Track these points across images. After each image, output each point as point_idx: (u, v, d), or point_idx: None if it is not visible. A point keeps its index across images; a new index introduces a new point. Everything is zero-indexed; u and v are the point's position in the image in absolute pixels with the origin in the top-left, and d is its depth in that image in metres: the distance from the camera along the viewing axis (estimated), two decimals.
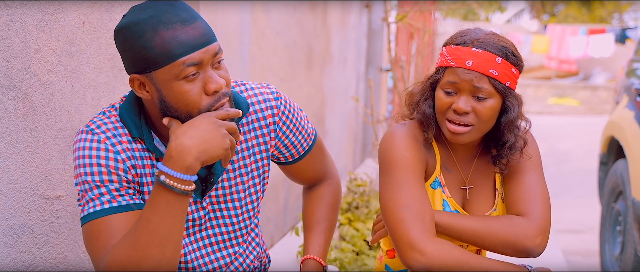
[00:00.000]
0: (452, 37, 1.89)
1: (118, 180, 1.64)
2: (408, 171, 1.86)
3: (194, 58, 1.56)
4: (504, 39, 1.88)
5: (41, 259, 1.92)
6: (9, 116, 1.76)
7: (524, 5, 27.51)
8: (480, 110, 1.82)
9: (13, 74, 1.76)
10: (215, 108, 1.61)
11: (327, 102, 5.19)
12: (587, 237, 5.83)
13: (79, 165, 1.64)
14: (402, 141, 1.89)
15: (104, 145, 1.64)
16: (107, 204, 1.61)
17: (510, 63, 1.82)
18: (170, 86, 1.58)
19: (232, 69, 3.17)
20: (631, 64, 4.72)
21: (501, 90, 1.82)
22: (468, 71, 1.81)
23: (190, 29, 1.56)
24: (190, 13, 1.59)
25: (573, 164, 9.70)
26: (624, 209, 4.14)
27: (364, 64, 6.87)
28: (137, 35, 1.56)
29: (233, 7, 3.19)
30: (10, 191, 1.79)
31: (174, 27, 1.55)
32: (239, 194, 1.82)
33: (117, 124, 1.69)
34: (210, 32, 1.60)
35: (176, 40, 1.54)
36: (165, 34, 1.54)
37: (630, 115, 4.17)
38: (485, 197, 1.98)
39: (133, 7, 1.62)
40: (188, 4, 1.62)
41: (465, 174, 1.97)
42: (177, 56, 1.55)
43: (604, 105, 17.39)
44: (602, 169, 4.80)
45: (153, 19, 1.55)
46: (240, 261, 1.88)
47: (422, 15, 6.53)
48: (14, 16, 1.75)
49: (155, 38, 1.54)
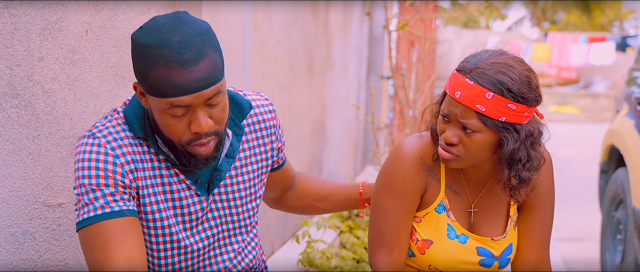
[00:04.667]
0: (463, 60, 1.80)
1: (114, 184, 1.65)
2: (397, 199, 1.87)
3: (182, 101, 1.58)
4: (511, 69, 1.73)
5: (42, 266, 1.92)
6: (12, 124, 1.77)
7: (524, 13, 27.53)
8: (468, 143, 1.76)
9: (16, 82, 1.77)
10: (195, 145, 1.65)
11: (328, 110, 5.20)
12: (588, 246, 5.82)
13: (77, 169, 1.66)
14: (403, 164, 1.87)
15: (103, 149, 1.66)
16: (100, 210, 1.63)
17: (506, 98, 1.70)
18: (158, 113, 1.63)
19: (234, 76, 3.18)
20: (631, 73, 4.72)
21: (492, 125, 1.72)
22: (456, 103, 1.74)
23: (187, 73, 1.55)
24: (197, 53, 1.56)
25: (574, 171, 9.69)
26: (624, 218, 4.14)
27: (365, 71, 6.88)
28: (141, 57, 1.58)
29: (235, 14, 3.20)
30: (12, 198, 1.79)
31: (171, 67, 1.54)
32: (241, 193, 1.85)
33: (118, 128, 1.70)
34: (211, 75, 1.58)
35: (169, 81, 1.55)
36: (161, 71, 1.55)
37: (631, 123, 4.18)
38: (496, 223, 1.93)
39: (155, 17, 1.62)
40: (203, 38, 1.58)
41: (474, 196, 1.93)
42: (167, 96, 1.57)
43: (604, 113, 17.38)
44: (603, 178, 4.80)
45: (156, 50, 1.55)
46: (239, 259, 1.90)
47: (423, 23, 6.54)
48: (18, 24, 1.76)
49: (153, 70, 1.56)
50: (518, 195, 1.85)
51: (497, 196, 1.92)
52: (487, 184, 1.92)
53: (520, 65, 1.76)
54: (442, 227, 1.90)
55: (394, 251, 1.88)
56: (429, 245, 1.90)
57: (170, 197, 1.75)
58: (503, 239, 1.93)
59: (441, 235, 1.90)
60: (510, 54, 1.79)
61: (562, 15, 27.20)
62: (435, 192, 1.90)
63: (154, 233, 1.75)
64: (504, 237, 1.93)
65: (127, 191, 1.67)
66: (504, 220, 1.95)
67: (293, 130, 4.20)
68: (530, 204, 1.95)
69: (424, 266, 1.93)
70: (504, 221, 1.95)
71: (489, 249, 1.92)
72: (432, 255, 1.90)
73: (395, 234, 1.88)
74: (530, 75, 1.76)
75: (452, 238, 1.90)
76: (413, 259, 1.94)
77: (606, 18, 25.88)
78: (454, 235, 1.90)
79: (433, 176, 1.90)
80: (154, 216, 1.74)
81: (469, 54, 1.80)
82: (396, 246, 1.88)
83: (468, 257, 1.91)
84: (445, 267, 1.91)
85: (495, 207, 1.94)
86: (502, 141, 1.76)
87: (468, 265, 1.92)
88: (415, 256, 1.92)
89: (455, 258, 1.90)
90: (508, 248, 1.94)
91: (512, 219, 1.94)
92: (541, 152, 1.83)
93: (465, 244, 1.90)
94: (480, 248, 1.91)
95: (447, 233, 1.90)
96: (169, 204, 1.75)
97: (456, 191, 1.91)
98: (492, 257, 1.92)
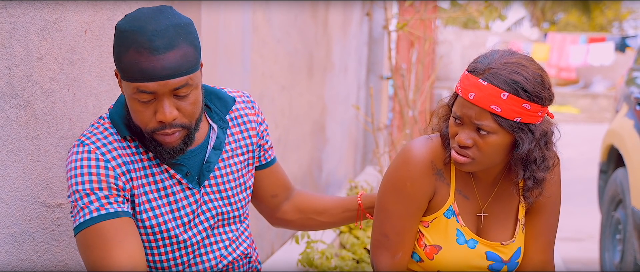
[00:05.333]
0: (473, 61, 1.78)
1: (108, 187, 1.68)
2: (404, 202, 1.84)
3: (148, 87, 1.63)
4: (524, 68, 1.71)
5: (42, 266, 1.92)
6: (11, 124, 1.77)
7: (524, 14, 27.53)
8: (482, 145, 1.73)
9: (15, 82, 1.77)
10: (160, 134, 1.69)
11: (328, 110, 5.20)
12: (587, 246, 5.82)
13: (70, 176, 1.70)
14: (413, 167, 1.83)
15: (94, 154, 1.70)
16: (95, 213, 1.66)
17: (521, 98, 1.68)
18: (129, 99, 1.68)
19: (233, 76, 3.18)
20: (631, 73, 4.72)
21: (507, 126, 1.70)
22: (470, 105, 1.71)
23: (155, 60, 1.61)
24: (168, 42, 1.62)
25: (573, 171, 9.69)
26: (623, 218, 4.14)
27: (365, 71, 6.88)
28: (118, 42, 1.64)
29: (234, 14, 3.20)
30: (11, 198, 1.79)
31: (141, 52, 1.61)
32: (231, 183, 1.90)
33: (105, 133, 1.74)
34: (180, 67, 1.63)
35: (137, 66, 1.62)
36: (132, 55, 1.61)
37: (630, 124, 4.18)
38: (504, 227, 1.91)
39: (139, 8, 1.68)
40: (178, 30, 1.64)
41: (484, 200, 1.89)
42: (135, 80, 1.63)
43: (604, 113, 17.39)
44: (602, 178, 4.80)
45: (131, 35, 1.61)
46: (234, 247, 1.93)
47: (422, 23, 6.54)
48: (17, 24, 1.75)
49: (125, 54, 1.63)
50: (531, 196, 1.83)
51: (507, 199, 1.90)
52: (497, 187, 1.89)
53: (533, 65, 1.74)
54: (451, 233, 1.86)
55: (398, 254, 1.86)
56: (437, 250, 1.86)
57: (164, 194, 1.79)
58: (512, 243, 1.90)
59: (450, 240, 1.86)
60: (520, 53, 1.76)
61: (562, 16, 27.20)
62: (444, 196, 1.86)
63: (151, 232, 1.77)
64: (513, 241, 1.90)
65: (121, 194, 1.71)
66: (512, 224, 1.91)
67: (293, 131, 4.20)
68: (538, 206, 1.92)
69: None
70: (513, 224, 1.91)
71: (498, 254, 1.89)
72: (441, 261, 1.86)
73: (400, 237, 1.85)
74: (543, 75, 1.74)
75: (461, 243, 1.86)
76: (421, 265, 1.90)
77: (606, 18, 25.89)
78: (463, 240, 1.86)
79: (443, 180, 1.86)
80: (148, 214, 1.77)
81: (479, 55, 1.78)
82: (400, 250, 1.86)
83: (477, 262, 1.88)
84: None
85: (504, 210, 1.91)
86: (517, 142, 1.74)
87: (477, 270, 1.89)
88: (424, 261, 1.89)
89: (464, 263, 1.87)
90: (517, 252, 1.91)
91: (521, 223, 1.91)
92: (555, 151, 1.82)
93: (475, 249, 1.87)
94: (489, 253, 1.88)
95: (456, 238, 1.86)
96: (163, 202, 1.79)
97: (466, 195, 1.88)
98: (501, 261, 1.89)
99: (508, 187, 1.89)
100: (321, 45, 4.87)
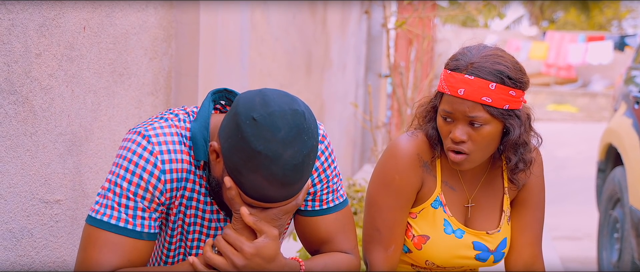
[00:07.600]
0: (449, 60, 1.84)
1: (150, 198, 1.58)
2: (393, 195, 1.89)
3: (261, 205, 1.54)
4: (503, 58, 1.80)
5: (40, 262, 1.92)
6: (10, 120, 1.77)
7: (523, 12, 27.55)
8: (477, 138, 1.79)
9: (14, 78, 1.77)
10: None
11: (326, 108, 5.20)
12: (585, 244, 5.83)
13: (121, 165, 1.57)
14: (400, 160, 1.89)
15: (154, 159, 1.57)
16: (114, 220, 1.56)
17: (507, 86, 1.76)
18: (225, 189, 1.55)
19: (232, 74, 3.18)
20: (629, 72, 4.73)
21: (498, 115, 1.77)
22: (461, 100, 1.77)
23: (284, 190, 1.50)
24: (301, 176, 1.50)
25: (571, 170, 9.70)
26: (621, 217, 4.15)
27: (363, 70, 6.88)
28: (244, 157, 1.47)
29: (233, 12, 3.20)
30: (9, 194, 1.79)
31: (272, 183, 1.47)
32: None
33: (176, 138, 1.60)
34: (298, 192, 1.54)
35: (263, 192, 1.49)
36: (259, 181, 1.48)
37: (628, 122, 4.18)
38: (490, 217, 1.97)
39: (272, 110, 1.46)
40: (312, 157, 1.50)
41: (470, 191, 1.96)
42: (251, 197, 1.52)
43: (602, 112, 17.40)
44: (600, 177, 4.80)
45: (265, 161, 1.45)
46: None
47: (421, 21, 6.54)
48: (15, 21, 1.76)
49: (251, 174, 1.47)
50: (520, 179, 1.92)
51: (492, 189, 1.97)
52: (483, 178, 1.96)
53: (507, 54, 1.83)
54: (439, 223, 1.91)
55: (390, 247, 1.90)
56: (425, 240, 1.91)
57: (199, 214, 1.70)
58: (497, 233, 1.95)
59: (438, 230, 1.91)
60: (491, 45, 1.86)
61: (561, 15, 27.22)
62: (431, 187, 1.92)
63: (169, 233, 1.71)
64: (498, 231, 1.96)
65: (159, 209, 1.61)
66: (498, 214, 1.98)
67: None
68: (523, 199, 1.99)
69: (420, 262, 1.94)
70: (498, 215, 1.98)
71: (485, 243, 1.95)
72: (429, 250, 1.92)
73: (391, 230, 1.90)
74: (518, 62, 1.84)
75: (449, 233, 1.92)
76: (409, 255, 1.95)
77: (604, 17, 25.91)
78: (450, 230, 1.92)
79: (429, 172, 1.92)
80: (174, 224, 1.70)
81: (453, 54, 1.85)
82: (392, 243, 1.90)
83: (464, 251, 1.93)
84: (442, 262, 1.93)
85: (490, 201, 1.97)
86: (507, 129, 1.82)
87: (464, 259, 1.95)
88: (412, 251, 1.94)
89: (452, 253, 1.92)
90: (503, 242, 1.97)
91: (506, 213, 1.97)
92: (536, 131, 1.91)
93: (462, 238, 1.93)
94: (476, 242, 1.94)
95: (444, 228, 1.91)
96: (196, 220, 1.71)
97: (452, 186, 1.94)
98: (488, 251, 1.95)
99: (494, 178, 1.97)
100: (320, 43, 4.87)
